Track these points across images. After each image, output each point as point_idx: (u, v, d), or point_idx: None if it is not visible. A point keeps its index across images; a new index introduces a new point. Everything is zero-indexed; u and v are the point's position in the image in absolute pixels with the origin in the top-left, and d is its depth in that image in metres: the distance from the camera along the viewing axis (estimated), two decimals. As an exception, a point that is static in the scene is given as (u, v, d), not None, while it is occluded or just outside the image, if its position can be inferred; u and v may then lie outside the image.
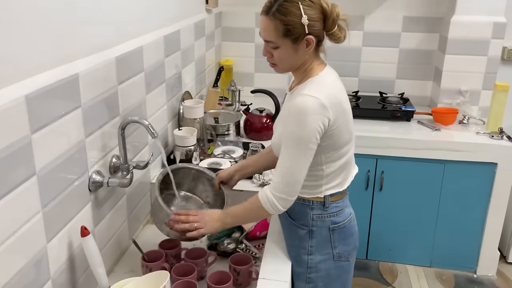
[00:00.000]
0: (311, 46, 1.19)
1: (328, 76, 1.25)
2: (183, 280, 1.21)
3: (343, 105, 1.23)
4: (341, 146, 1.24)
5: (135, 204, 1.57)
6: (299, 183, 1.18)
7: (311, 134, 1.14)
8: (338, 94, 1.23)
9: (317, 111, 1.14)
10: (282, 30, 1.16)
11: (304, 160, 1.17)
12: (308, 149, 1.16)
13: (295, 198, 1.20)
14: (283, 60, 1.22)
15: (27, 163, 0.96)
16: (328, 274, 1.31)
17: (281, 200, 1.18)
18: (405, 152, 2.34)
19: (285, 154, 1.18)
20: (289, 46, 1.18)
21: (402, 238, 2.51)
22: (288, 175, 1.17)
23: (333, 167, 1.25)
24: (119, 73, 1.38)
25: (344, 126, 1.22)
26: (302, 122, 1.14)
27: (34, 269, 1.01)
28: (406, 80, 2.79)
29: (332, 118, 1.16)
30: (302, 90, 1.18)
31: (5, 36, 0.89)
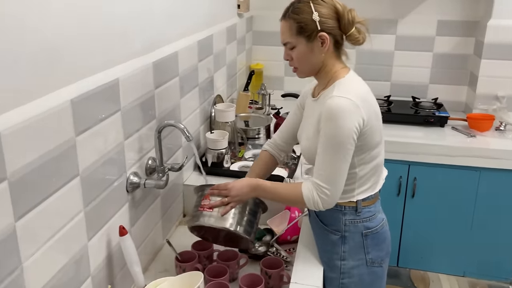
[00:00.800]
0: (326, 45, 1.21)
1: (355, 78, 1.26)
2: (216, 281, 1.23)
3: (373, 106, 1.24)
4: (373, 147, 1.24)
5: (168, 205, 1.61)
6: (341, 184, 1.20)
7: (349, 134, 1.15)
8: (367, 95, 1.24)
9: (352, 111, 1.15)
10: (296, 28, 1.21)
11: (344, 161, 1.18)
12: (347, 150, 1.17)
13: (337, 199, 1.22)
14: (300, 60, 1.25)
15: (71, 164, 1.01)
16: (361, 280, 1.31)
17: (325, 202, 1.20)
18: (438, 158, 2.29)
19: (325, 158, 1.18)
20: (304, 44, 1.22)
21: (434, 246, 2.46)
22: (331, 178, 1.18)
23: (366, 169, 1.25)
24: (155, 77, 1.42)
25: (376, 126, 1.22)
26: (338, 124, 1.15)
27: (75, 266, 1.05)
28: (440, 85, 2.73)
29: (366, 118, 1.17)
30: (331, 93, 1.19)
31: (53, 44, 0.94)
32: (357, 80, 1.26)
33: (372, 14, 2.64)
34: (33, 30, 0.88)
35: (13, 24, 0.82)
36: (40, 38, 0.90)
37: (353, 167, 1.23)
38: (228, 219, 1.26)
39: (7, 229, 0.82)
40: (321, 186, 1.19)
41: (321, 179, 1.19)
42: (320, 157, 1.19)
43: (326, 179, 1.18)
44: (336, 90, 1.19)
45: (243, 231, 1.27)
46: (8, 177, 0.81)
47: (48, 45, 0.92)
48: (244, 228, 1.28)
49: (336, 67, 1.26)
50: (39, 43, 0.90)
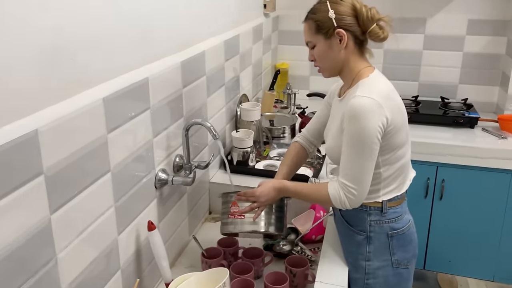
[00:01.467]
0: (344, 41, 1.22)
1: (379, 77, 1.26)
2: (241, 278, 1.25)
3: (398, 104, 1.23)
4: (398, 147, 1.23)
5: (195, 202, 1.64)
6: (367, 183, 1.20)
7: (373, 134, 1.15)
8: (392, 93, 1.23)
9: (374, 110, 1.14)
10: (314, 27, 1.25)
11: (369, 160, 1.18)
12: (372, 150, 1.17)
13: (364, 198, 1.22)
14: (321, 59, 1.28)
15: (103, 161, 1.04)
16: (386, 281, 1.30)
17: (352, 201, 1.20)
18: (468, 160, 2.24)
19: (350, 157, 1.19)
20: (322, 42, 1.25)
21: (463, 249, 2.40)
22: (357, 177, 1.19)
23: (391, 170, 1.24)
24: (184, 76, 1.45)
25: (401, 126, 1.21)
26: (362, 123, 1.14)
27: (105, 259, 1.08)
28: (470, 85, 2.67)
29: (389, 117, 1.16)
30: (354, 93, 1.19)
31: (86, 45, 0.97)
32: (381, 79, 1.25)
33: (400, 13, 2.61)
34: (68, 30, 0.91)
35: (48, 25, 0.86)
36: (74, 39, 0.93)
37: (377, 167, 1.22)
38: (260, 222, 1.34)
39: (43, 221, 0.86)
40: (347, 185, 1.19)
41: (347, 178, 1.19)
42: (345, 156, 1.20)
43: (352, 179, 1.18)
44: (360, 89, 1.19)
45: (275, 229, 1.35)
46: (44, 171, 0.85)
47: (81, 45, 0.96)
48: (275, 226, 1.35)
49: (360, 66, 1.26)
50: (73, 44, 0.93)
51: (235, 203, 1.35)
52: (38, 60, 0.83)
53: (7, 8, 0.75)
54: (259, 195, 1.31)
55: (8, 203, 0.77)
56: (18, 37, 0.78)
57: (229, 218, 1.35)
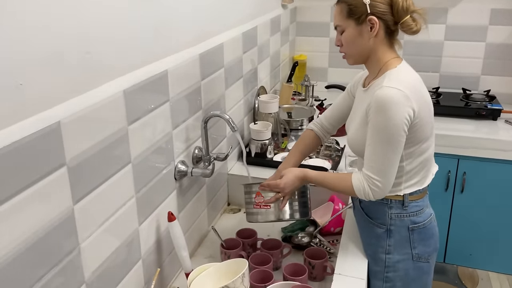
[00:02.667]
0: (375, 29, 1.19)
1: (407, 69, 1.23)
2: (260, 269, 1.25)
3: (425, 97, 1.20)
4: (422, 140, 1.21)
5: (214, 193, 1.65)
6: (393, 176, 1.19)
7: (399, 126, 1.13)
8: (419, 85, 1.21)
9: (402, 102, 1.12)
10: (346, 10, 1.21)
11: (395, 153, 1.16)
12: (398, 142, 1.15)
13: (389, 191, 1.21)
14: (349, 44, 1.24)
15: (124, 152, 1.05)
16: (406, 274, 1.28)
17: (376, 193, 1.19)
18: (490, 153, 2.20)
19: (375, 149, 1.17)
20: (352, 27, 1.21)
21: (484, 243, 2.37)
22: (382, 170, 1.17)
23: (414, 163, 1.23)
24: (202, 69, 1.45)
25: (427, 119, 1.19)
26: (388, 115, 1.12)
27: (127, 249, 1.10)
28: (493, 77, 2.61)
29: (416, 109, 1.14)
30: (381, 83, 1.17)
31: (105, 38, 0.98)
32: (409, 70, 1.23)
33: (421, 2, 2.55)
34: (87, 24, 0.92)
35: (66, 18, 0.87)
36: (95, 31, 0.94)
37: (400, 161, 1.20)
38: (287, 210, 1.38)
39: (66, 211, 0.88)
40: (372, 178, 1.17)
41: (372, 171, 1.17)
42: (371, 148, 1.18)
43: (377, 171, 1.17)
44: (387, 80, 1.17)
45: (300, 215, 1.39)
46: (67, 163, 0.86)
47: (102, 37, 0.97)
48: (300, 212, 1.39)
49: (388, 56, 1.23)
50: (94, 36, 0.94)
51: (259, 194, 1.37)
52: (57, 53, 0.84)
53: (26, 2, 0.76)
54: (283, 186, 1.30)
55: (32, 193, 0.78)
56: (38, 31, 0.79)
57: (254, 208, 1.37)
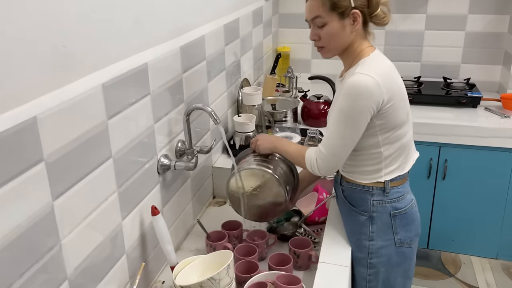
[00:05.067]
0: (358, 22, 1.20)
1: (380, 57, 1.25)
2: (245, 260, 1.26)
3: (398, 83, 1.22)
4: (398, 126, 1.23)
5: (198, 187, 1.65)
6: (342, 157, 1.23)
7: (362, 112, 1.16)
8: (392, 73, 1.22)
9: (372, 90, 1.14)
10: (329, 4, 1.19)
11: (350, 136, 1.20)
12: (357, 128, 1.18)
13: (336, 170, 1.26)
14: (331, 39, 1.23)
15: (104, 147, 1.04)
16: (389, 260, 1.31)
17: (322, 168, 1.24)
18: (471, 140, 2.24)
19: (333, 128, 1.21)
20: (336, 21, 1.20)
21: (466, 228, 2.42)
22: (333, 147, 1.21)
23: (391, 149, 1.24)
24: (183, 62, 1.44)
25: (400, 103, 1.21)
26: (355, 99, 1.15)
27: (110, 244, 1.09)
28: (473, 65, 2.65)
29: (386, 98, 1.16)
30: (354, 71, 1.19)
31: (81, 30, 0.96)
32: (381, 58, 1.25)
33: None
34: (63, 16, 0.90)
35: (40, 12, 0.85)
36: (70, 24, 0.93)
37: (377, 147, 1.23)
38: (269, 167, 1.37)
39: (45, 207, 0.86)
40: (321, 152, 1.22)
41: (324, 145, 1.23)
42: (329, 126, 1.22)
43: (328, 146, 1.22)
44: (360, 67, 1.19)
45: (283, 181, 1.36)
46: (45, 158, 0.85)
47: (79, 30, 0.95)
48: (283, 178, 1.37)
49: (362, 46, 1.25)
50: (70, 29, 0.93)
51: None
52: (31, 47, 0.82)
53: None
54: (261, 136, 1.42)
55: (9, 190, 0.77)
56: (11, 24, 0.78)
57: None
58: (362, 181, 1.28)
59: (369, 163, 1.26)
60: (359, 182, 1.28)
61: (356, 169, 1.29)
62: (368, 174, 1.27)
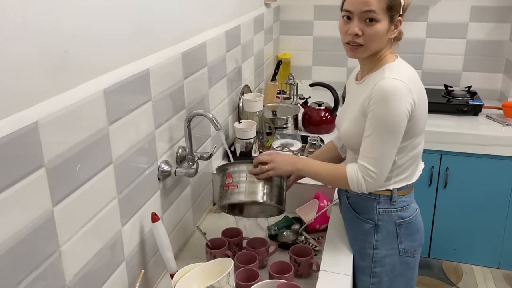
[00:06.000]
0: (397, 30, 1.21)
1: (404, 63, 1.24)
2: (245, 268, 1.25)
3: (422, 92, 1.21)
4: (416, 135, 1.21)
5: (198, 193, 1.64)
6: (388, 168, 1.18)
7: (401, 117, 1.13)
8: (417, 80, 1.21)
9: (405, 93, 1.12)
10: (386, 4, 1.15)
11: (394, 145, 1.16)
12: (398, 134, 1.15)
13: (382, 183, 1.20)
14: (375, 39, 1.17)
15: (105, 153, 1.04)
16: (393, 269, 1.29)
17: (370, 185, 1.18)
18: (472, 148, 2.23)
19: (374, 140, 1.16)
20: (386, 23, 1.17)
21: (468, 237, 2.40)
22: (379, 161, 1.16)
23: (405, 158, 1.23)
24: (185, 68, 1.44)
25: (423, 113, 1.20)
26: (392, 106, 1.12)
27: (110, 251, 1.08)
28: (474, 73, 2.65)
29: (416, 102, 1.15)
30: (382, 75, 1.16)
31: (83, 36, 0.96)
32: (406, 65, 1.24)
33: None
34: (65, 21, 0.90)
35: (43, 17, 0.85)
36: (72, 30, 0.92)
37: None
38: (258, 192, 1.25)
39: (45, 214, 0.86)
40: (367, 168, 1.16)
41: (369, 161, 1.16)
42: (369, 139, 1.17)
43: (373, 162, 1.16)
44: (388, 72, 1.16)
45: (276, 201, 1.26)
46: (45, 164, 0.84)
47: (80, 36, 0.95)
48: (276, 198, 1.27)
49: (387, 52, 1.24)
50: (72, 35, 0.92)
51: (229, 175, 1.27)
52: (34, 52, 0.82)
53: None
54: (275, 158, 1.25)
55: (10, 196, 0.76)
56: (13, 30, 0.77)
57: (223, 191, 1.26)
58: None
59: None
60: None
61: None
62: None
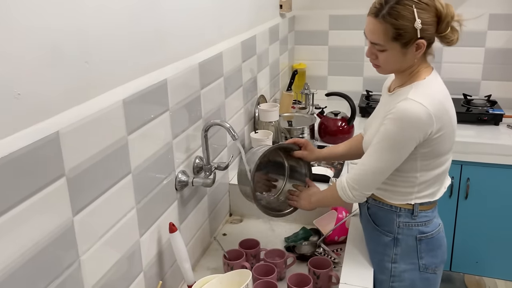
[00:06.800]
0: (421, 50, 1.14)
1: (435, 81, 1.19)
2: (264, 280, 1.23)
3: (449, 113, 1.16)
4: (440, 155, 1.18)
5: (215, 204, 1.63)
6: (378, 183, 1.20)
7: (408, 142, 1.12)
8: (445, 100, 1.16)
9: (422, 120, 1.09)
10: (392, 34, 1.11)
11: (390, 164, 1.15)
12: (400, 154, 1.14)
13: (369, 194, 1.23)
14: (389, 63, 1.18)
15: (124, 162, 1.04)
16: (412, 285, 1.26)
17: (355, 191, 1.21)
18: (493, 158, 2.18)
19: (375, 152, 1.16)
20: (397, 50, 1.13)
21: (490, 250, 2.33)
22: (371, 173, 1.17)
23: (427, 176, 1.20)
24: (201, 78, 1.44)
25: (449, 134, 1.16)
26: (403, 128, 1.10)
27: (128, 262, 1.08)
28: (493, 81, 2.60)
29: (436, 128, 1.11)
30: (406, 94, 1.13)
31: (103, 47, 0.97)
32: (436, 83, 1.19)
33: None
34: (86, 33, 0.91)
35: (63, 28, 0.86)
36: (93, 40, 0.93)
37: (414, 171, 1.18)
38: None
39: (66, 223, 0.86)
40: (353, 175, 1.20)
41: (358, 167, 1.19)
42: (372, 148, 1.17)
43: (365, 173, 1.18)
44: (413, 92, 1.13)
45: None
46: (66, 173, 0.84)
47: (100, 47, 0.96)
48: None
49: (420, 66, 1.19)
50: (92, 45, 0.93)
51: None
52: (55, 63, 0.83)
53: (20, 12, 0.75)
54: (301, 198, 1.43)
55: (31, 205, 0.76)
56: (35, 41, 0.78)
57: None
58: (390, 201, 1.24)
59: (402, 185, 1.21)
60: (387, 202, 1.24)
61: (387, 188, 1.24)
62: (398, 195, 1.23)
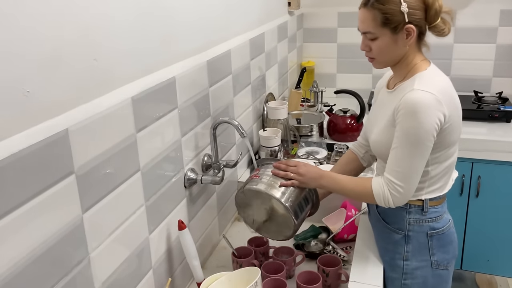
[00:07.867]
0: (412, 37, 1.15)
1: (437, 72, 1.20)
2: (273, 278, 1.22)
3: (455, 101, 1.17)
4: (450, 145, 1.18)
5: (224, 201, 1.63)
6: (416, 182, 1.15)
7: (429, 131, 1.10)
8: (450, 89, 1.17)
9: (434, 106, 1.09)
10: (381, 19, 1.14)
11: (421, 158, 1.13)
12: (426, 147, 1.12)
13: (410, 197, 1.17)
14: (382, 52, 1.19)
15: (133, 160, 1.04)
16: (425, 282, 1.25)
17: (397, 199, 1.15)
18: (505, 156, 2.15)
19: (401, 153, 1.13)
20: (388, 36, 1.15)
21: (502, 248, 2.30)
22: (407, 175, 1.13)
23: (439, 169, 1.19)
24: (210, 76, 1.44)
25: (456, 123, 1.16)
26: (419, 119, 1.09)
27: (137, 259, 1.08)
28: (505, 78, 2.57)
29: (447, 114, 1.11)
30: (411, 86, 1.13)
31: (112, 44, 0.97)
32: (439, 73, 1.20)
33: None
34: (94, 31, 0.91)
35: (71, 25, 0.86)
36: (101, 38, 0.94)
37: (426, 165, 1.17)
38: (279, 190, 1.21)
39: (75, 220, 0.86)
40: (394, 183, 1.14)
41: (395, 175, 1.14)
42: (396, 152, 1.14)
43: (400, 176, 1.13)
44: (417, 83, 1.13)
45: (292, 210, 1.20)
46: (75, 171, 0.85)
47: (109, 44, 0.96)
48: (293, 207, 1.21)
49: (417, 59, 1.20)
50: (101, 43, 0.93)
51: (258, 170, 1.28)
52: (64, 60, 0.83)
53: (29, 10, 0.76)
54: (301, 164, 1.24)
55: (41, 202, 0.77)
56: (44, 39, 0.78)
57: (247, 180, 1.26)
58: None
59: None
60: None
61: None
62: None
